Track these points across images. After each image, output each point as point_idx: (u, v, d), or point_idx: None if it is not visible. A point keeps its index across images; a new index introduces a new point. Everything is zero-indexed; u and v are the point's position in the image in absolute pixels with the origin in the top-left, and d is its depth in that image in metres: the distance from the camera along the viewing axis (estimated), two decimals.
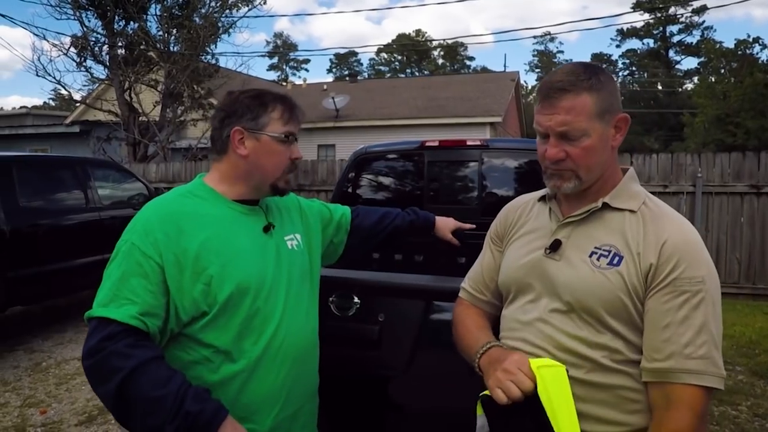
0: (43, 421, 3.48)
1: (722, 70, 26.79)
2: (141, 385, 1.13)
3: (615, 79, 1.23)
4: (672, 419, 1.04)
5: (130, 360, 1.14)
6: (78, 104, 16.73)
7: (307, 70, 56.57)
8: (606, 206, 1.20)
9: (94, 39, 12.96)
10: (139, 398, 1.14)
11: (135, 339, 1.18)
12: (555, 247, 1.22)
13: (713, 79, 26.96)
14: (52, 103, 35.44)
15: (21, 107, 30.12)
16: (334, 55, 54.86)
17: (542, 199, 1.35)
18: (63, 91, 13.90)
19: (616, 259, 1.14)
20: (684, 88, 39.60)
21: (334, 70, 55.12)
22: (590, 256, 1.17)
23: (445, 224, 2.06)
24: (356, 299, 1.94)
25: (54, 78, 12.77)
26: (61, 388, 4.02)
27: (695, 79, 36.42)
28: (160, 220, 1.30)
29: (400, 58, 54.31)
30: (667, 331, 1.07)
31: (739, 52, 27.48)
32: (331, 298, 1.95)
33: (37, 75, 12.59)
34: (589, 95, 1.14)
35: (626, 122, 1.20)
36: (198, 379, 1.27)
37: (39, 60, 12.52)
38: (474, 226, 2.13)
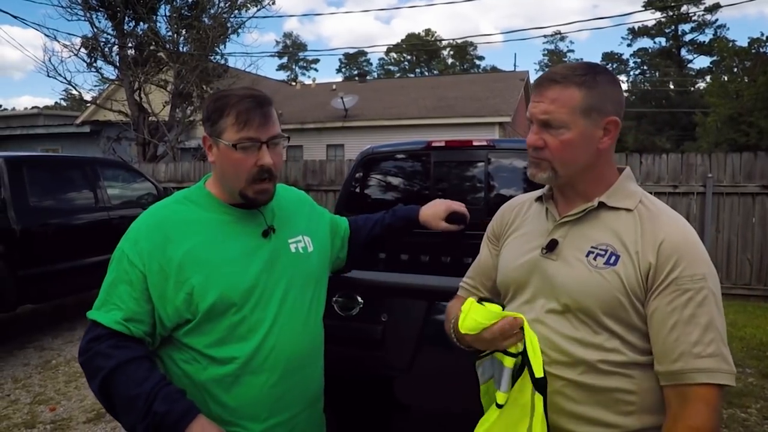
0: (52, 418, 3.52)
1: (735, 69, 26.43)
2: (119, 384, 1.20)
3: (620, 84, 1.23)
4: (689, 415, 1.04)
5: (110, 360, 1.21)
6: (88, 104, 16.87)
7: (316, 69, 56.81)
8: (602, 205, 1.19)
9: (104, 40, 13.10)
10: (117, 396, 1.21)
11: (118, 340, 1.24)
12: (551, 246, 1.21)
13: (726, 78, 26.63)
14: (63, 103, 35.80)
15: (32, 107, 30.46)
16: (343, 54, 55.09)
17: (539, 199, 1.34)
18: (74, 92, 14.05)
19: (613, 258, 1.13)
20: (696, 87, 39.20)
21: (343, 69, 55.30)
22: (587, 255, 1.16)
23: (434, 212, 1.76)
24: (360, 299, 1.95)
25: (65, 78, 12.93)
26: (70, 385, 4.06)
27: (707, 78, 36.07)
28: (149, 229, 1.32)
29: (409, 57, 54.30)
30: (675, 332, 1.07)
31: (753, 51, 27.12)
32: (334, 298, 1.95)
33: (48, 75, 12.75)
34: (578, 90, 1.14)
35: (616, 126, 1.18)
36: (188, 377, 1.31)
37: (50, 61, 12.67)
38: (463, 209, 1.81)
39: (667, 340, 1.08)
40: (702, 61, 60.73)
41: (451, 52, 52.57)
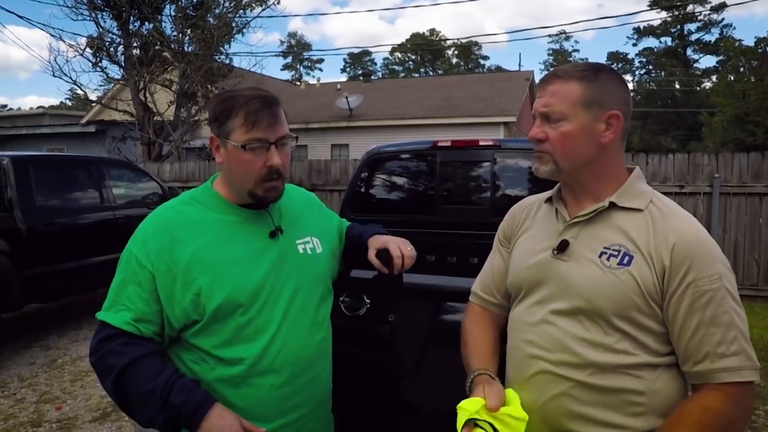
0: (58, 417, 3.53)
1: (741, 69, 26.24)
2: (132, 381, 1.21)
3: (625, 83, 1.23)
4: (705, 397, 1.07)
5: (122, 357, 1.22)
6: (94, 104, 16.91)
7: (321, 69, 56.84)
8: (613, 206, 1.19)
9: (109, 39, 13.10)
10: (131, 393, 1.22)
11: (128, 338, 1.25)
12: (563, 247, 1.21)
13: (732, 78, 26.45)
14: (68, 103, 35.90)
15: (38, 107, 30.66)
16: (347, 54, 55.07)
17: (549, 200, 1.34)
18: (79, 92, 13.94)
19: (626, 258, 1.13)
20: (702, 86, 39.01)
21: (348, 69, 55.34)
22: (599, 256, 1.15)
23: (374, 242, 1.58)
24: (366, 299, 1.94)
25: (70, 78, 12.93)
26: (76, 384, 4.08)
27: (714, 77, 35.91)
28: (156, 230, 1.32)
29: (414, 57, 54.25)
30: (698, 333, 1.08)
31: (760, 50, 26.97)
32: (341, 298, 1.94)
33: (54, 75, 12.74)
34: (578, 84, 1.16)
35: (618, 120, 1.18)
36: (197, 377, 1.31)
37: (56, 60, 12.78)
38: (401, 254, 1.52)
39: (690, 342, 1.09)
40: (708, 61, 60.56)
41: (456, 52, 52.51)
